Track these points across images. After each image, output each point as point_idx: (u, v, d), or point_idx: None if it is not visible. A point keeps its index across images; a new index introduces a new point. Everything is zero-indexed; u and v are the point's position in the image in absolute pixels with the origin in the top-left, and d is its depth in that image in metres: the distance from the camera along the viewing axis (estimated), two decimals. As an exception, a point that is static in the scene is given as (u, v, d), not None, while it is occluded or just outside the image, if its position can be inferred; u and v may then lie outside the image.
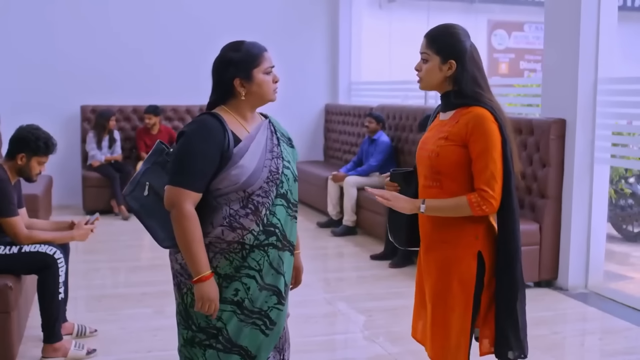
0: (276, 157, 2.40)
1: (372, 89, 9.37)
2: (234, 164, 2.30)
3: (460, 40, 2.38)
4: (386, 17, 11.53)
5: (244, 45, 2.39)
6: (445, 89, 2.43)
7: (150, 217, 2.40)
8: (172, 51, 8.82)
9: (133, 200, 2.41)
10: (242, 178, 2.30)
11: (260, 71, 2.37)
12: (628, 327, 4.45)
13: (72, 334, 4.05)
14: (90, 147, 8.07)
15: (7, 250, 3.69)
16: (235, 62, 2.35)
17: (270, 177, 2.35)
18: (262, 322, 2.38)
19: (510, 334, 2.40)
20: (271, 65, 2.40)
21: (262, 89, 2.38)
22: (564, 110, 5.12)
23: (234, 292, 2.34)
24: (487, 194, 2.30)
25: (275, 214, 2.37)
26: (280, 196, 2.38)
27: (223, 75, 2.37)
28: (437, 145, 2.38)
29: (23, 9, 8.26)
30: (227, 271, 2.34)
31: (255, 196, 2.32)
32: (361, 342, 4.23)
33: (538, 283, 5.24)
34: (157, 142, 2.50)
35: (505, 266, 2.39)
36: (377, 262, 5.96)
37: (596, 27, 4.99)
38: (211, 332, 2.36)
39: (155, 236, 2.42)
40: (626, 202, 7.68)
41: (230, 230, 2.31)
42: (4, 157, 3.86)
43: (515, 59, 13.45)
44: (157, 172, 2.41)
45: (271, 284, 2.38)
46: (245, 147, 2.33)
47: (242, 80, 2.36)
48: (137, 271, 5.69)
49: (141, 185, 2.41)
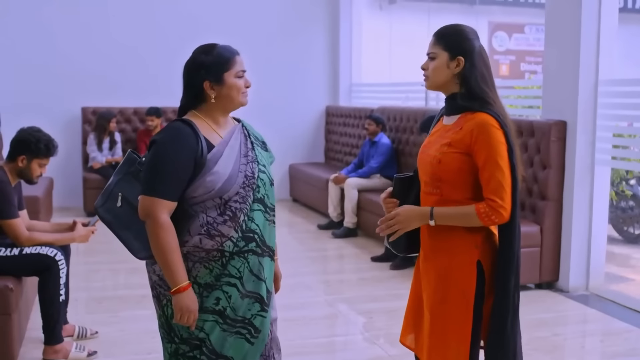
0: (251, 162, 2.36)
1: (373, 90, 9.37)
2: (208, 171, 2.25)
3: (469, 38, 2.34)
4: (386, 19, 11.54)
5: (216, 49, 2.35)
6: (451, 90, 2.37)
7: (123, 228, 2.35)
8: (172, 53, 8.79)
9: (106, 212, 2.36)
10: (218, 184, 2.25)
11: (232, 75, 2.32)
12: (629, 329, 4.45)
13: (73, 336, 4.05)
14: (91, 149, 8.08)
15: (8, 252, 3.69)
16: (206, 65, 2.31)
17: (246, 182, 2.32)
18: (246, 331, 2.33)
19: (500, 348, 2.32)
20: (242, 69, 2.36)
21: (233, 92, 2.33)
22: (565, 112, 5.12)
23: (215, 301, 2.29)
24: (496, 203, 2.23)
25: (253, 220, 2.32)
26: (258, 201, 2.34)
27: (193, 78, 2.33)
28: (440, 152, 2.32)
29: (23, 11, 8.27)
30: (207, 280, 2.28)
31: (232, 202, 2.28)
32: (361, 344, 4.23)
33: (539, 285, 5.24)
34: (129, 151, 2.44)
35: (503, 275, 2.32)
36: (377, 263, 5.96)
37: (597, 29, 4.99)
38: (194, 343, 2.31)
39: (130, 248, 2.36)
40: (627, 204, 7.67)
41: (209, 238, 2.26)
42: (5, 159, 3.86)
43: (516, 61, 13.46)
44: (130, 182, 2.36)
45: (253, 290, 2.33)
46: (219, 152, 2.29)
47: (212, 83, 2.31)
48: (137, 273, 5.65)
49: (113, 196, 2.36)
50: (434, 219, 2.31)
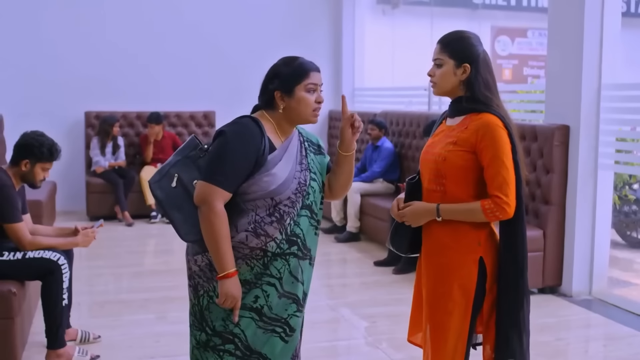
0: (305, 170, 2.43)
1: (376, 95, 9.38)
2: (266, 171, 2.32)
3: (474, 44, 2.42)
4: (389, 23, 11.54)
5: (296, 61, 2.42)
6: (457, 94, 2.45)
7: (174, 208, 2.37)
8: (175, 57, 8.84)
9: (159, 189, 2.38)
10: (273, 186, 2.32)
11: (302, 88, 2.37)
12: (632, 334, 4.44)
13: (76, 340, 4.06)
14: (94, 153, 8.09)
15: (11, 256, 3.69)
16: (281, 75, 2.38)
17: (298, 188, 2.39)
18: (282, 330, 2.40)
19: (513, 341, 2.40)
20: (314, 82, 2.40)
21: (301, 106, 2.38)
22: (568, 116, 5.11)
23: (254, 298, 2.36)
24: (501, 200, 2.31)
25: (299, 224, 2.39)
26: (306, 207, 2.42)
27: (267, 85, 2.40)
28: (445, 150, 2.39)
29: (25, 18, 8.30)
30: (247, 277, 2.35)
31: (282, 205, 2.35)
32: (364, 349, 4.22)
33: (542, 289, 5.23)
34: (192, 136, 2.48)
35: (512, 274, 2.39)
36: (380, 268, 5.96)
37: (599, 33, 4.99)
38: (227, 337, 2.36)
39: (178, 229, 2.39)
40: (630, 209, 7.67)
41: (255, 236, 2.33)
42: (9, 163, 3.86)
43: (519, 65, 13.45)
44: (188, 165, 2.40)
45: (290, 291, 2.40)
46: (279, 156, 2.37)
47: (282, 94, 2.38)
48: (140, 277, 5.69)
49: (169, 176, 2.39)
50: (441, 214, 2.39)
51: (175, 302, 4.84)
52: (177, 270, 4.35)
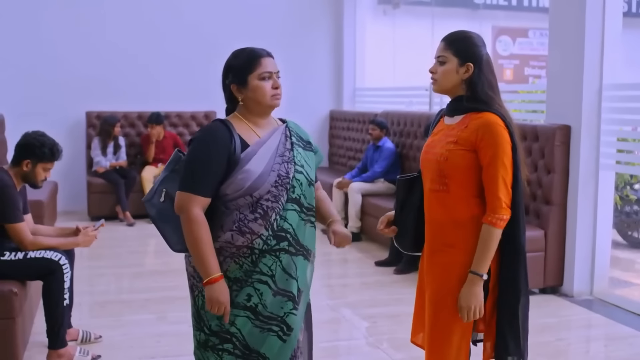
0: (287, 162, 2.41)
1: (377, 95, 9.38)
2: (240, 169, 2.33)
3: (478, 45, 2.42)
4: (390, 24, 11.54)
5: (244, 52, 2.43)
6: (457, 93, 2.44)
7: (163, 222, 2.45)
8: (176, 58, 8.84)
9: (151, 207, 2.46)
10: (248, 182, 2.32)
11: (255, 77, 2.38)
12: (633, 334, 4.44)
13: (77, 340, 4.06)
14: (95, 153, 8.09)
15: (13, 256, 3.69)
16: (233, 69, 2.41)
17: (279, 181, 2.37)
18: (279, 329, 2.40)
19: (510, 339, 2.40)
20: (267, 70, 2.40)
21: (257, 94, 2.39)
22: (569, 116, 5.11)
23: (247, 297, 2.36)
24: (499, 202, 2.32)
25: (286, 219, 2.38)
26: (292, 201, 2.40)
27: (224, 82, 2.45)
28: (447, 149, 2.39)
29: (26, 19, 8.30)
30: (236, 275, 2.36)
31: (263, 201, 2.34)
32: (365, 349, 4.23)
33: (543, 289, 5.23)
34: (175, 150, 2.54)
35: (510, 272, 2.40)
36: (381, 268, 5.96)
37: (601, 33, 4.98)
38: (224, 336, 2.38)
39: (168, 240, 2.47)
40: (631, 209, 7.67)
41: (240, 234, 2.33)
42: (10, 163, 3.87)
43: (520, 65, 13.45)
44: (174, 179, 2.44)
45: (285, 288, 2.40)
46: (253, 151, 2.36)
47: (238, 86, 2.40)
48: (141, 277, 5.69)
49: (158, 192, 2.46)
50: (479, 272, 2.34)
51: (176, 302, 4.84)
52: (178, 270, 4.34)
